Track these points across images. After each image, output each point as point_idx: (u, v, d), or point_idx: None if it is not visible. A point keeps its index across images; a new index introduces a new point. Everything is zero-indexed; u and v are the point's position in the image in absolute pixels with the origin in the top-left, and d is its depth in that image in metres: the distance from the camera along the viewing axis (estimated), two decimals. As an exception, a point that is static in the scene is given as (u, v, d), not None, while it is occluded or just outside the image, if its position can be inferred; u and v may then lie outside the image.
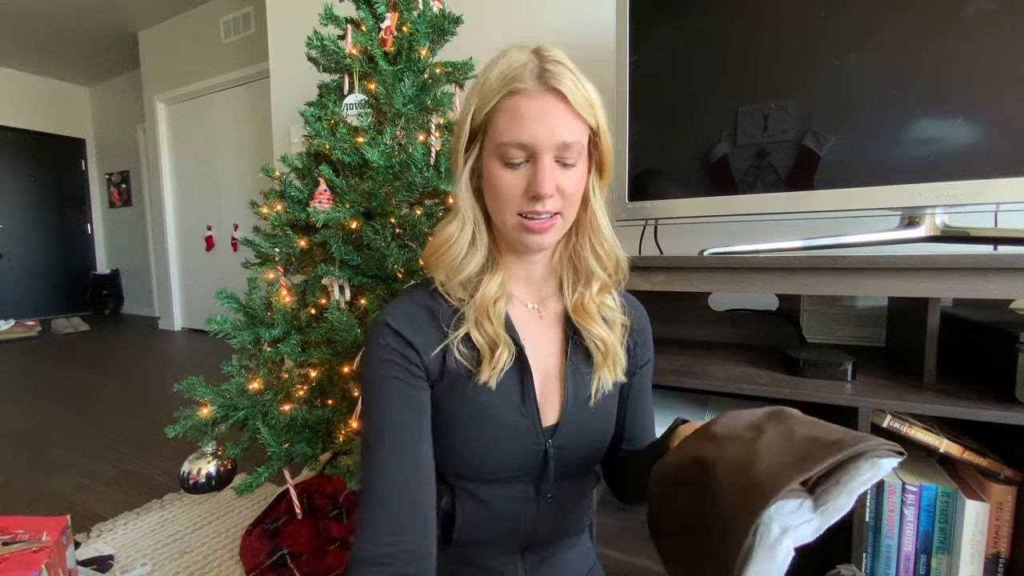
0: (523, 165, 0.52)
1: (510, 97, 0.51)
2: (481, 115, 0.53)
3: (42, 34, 4.10)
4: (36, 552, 0.88)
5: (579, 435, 0.60)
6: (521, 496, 0.59)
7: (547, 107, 0.51)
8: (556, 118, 0.51)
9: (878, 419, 0.78)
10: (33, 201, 5.13)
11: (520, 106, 0.51)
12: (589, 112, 0.52)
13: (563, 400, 0.60)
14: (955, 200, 0.83)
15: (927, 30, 0.83)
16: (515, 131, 0.51)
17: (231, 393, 1.12)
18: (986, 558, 0.75)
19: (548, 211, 0.53)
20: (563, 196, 0.53)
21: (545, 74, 0.51)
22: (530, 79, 0.51)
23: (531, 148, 0.51)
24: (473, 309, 0.57)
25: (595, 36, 1.51)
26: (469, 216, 0.57)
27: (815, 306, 1.20)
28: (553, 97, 0.51)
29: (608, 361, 0.61)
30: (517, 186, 0.52)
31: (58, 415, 2.24)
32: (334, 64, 1.22)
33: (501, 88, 0.51)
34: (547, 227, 0.54)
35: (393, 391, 0.55)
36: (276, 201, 1.19)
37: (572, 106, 0.51)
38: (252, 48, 3.41)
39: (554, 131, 0.50)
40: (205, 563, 1.18)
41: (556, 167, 0.52)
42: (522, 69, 0.51)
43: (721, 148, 0.98)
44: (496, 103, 0.52)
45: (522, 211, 0.53)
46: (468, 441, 0.57)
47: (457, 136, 0.56)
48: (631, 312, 0.67)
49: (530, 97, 0.51)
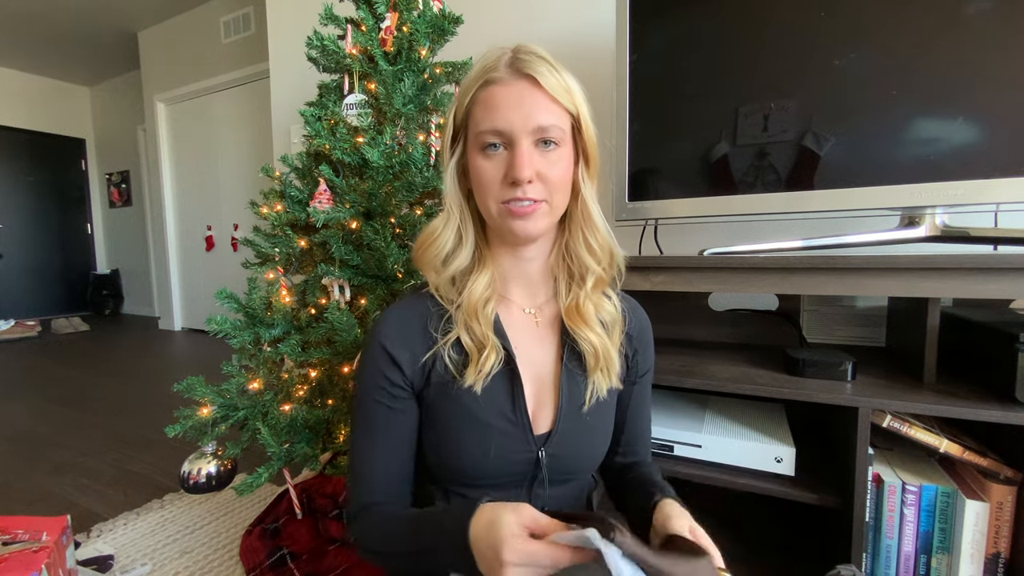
0: (502, 152, 0.53)
1: (485, 88, 0.53)
2: (462, 110, 0.55)
3: (42, 34, 4.10)
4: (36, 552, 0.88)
5: (573, 443, 0.59)
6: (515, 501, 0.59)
7: (521, 92, 0.51)
8: (531, 103, 0.51)
9: (878, 419, 0.78)
10: (33, 201, 5.12)
11: (494, 94, 0.52)
12: (566, 98, 0.53)
13: (557, 407, 0.59)
14: (955, 200, 0.83)
15: (927, 30, 0.83)
16: (491, 119, 0.52)
17: (231, 393, 1.12)
18: (986, 558, 0.75)
19: (530, 197, 0.53)
20: (546, 183, 0.53)
21: (517, 62, 0.52)
22: (503, 68, 0.52)
23: (507, 134, 0.51)
24: (462, 311, 0.57)
25: (595, 36, 1.51)
26: (455, 211, 0.58)
27: (815, 306, 1.20)
28: (527, 83, 0.51)
29: (601, 365, 0.60)
30: (496, 173, 0.53)
31: (58, 415, 2.24)
32: (334, 64, 1.22)
33: (477, 80, 0.53)
34: (530, 211, 0.53)
35: (375, 408, 0.59)
36: (276, 201, 1.19)
37: (547, 91, 0.51)
38: (252, 48, 3.41)
39: (529, 116, 0.51)
40: (205, 563, 1.18)
41: (536, 153, 0.52)
42: (496, 61, 0.53)
43: (721, 148, 0.98)
44: (473, 95, 0.53)
45: (504, 199, 0.53)
46: (457, 445, 0.57)
47: (444, 134, 0.58)
48: (631, 316, 0.65)
49: (504, 85, 0.52)
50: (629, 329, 0.65)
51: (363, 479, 0.59)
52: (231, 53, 3.58)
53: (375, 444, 0.59)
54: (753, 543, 1.04)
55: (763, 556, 1.00)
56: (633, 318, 0.66)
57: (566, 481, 0.62)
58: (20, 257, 5.01)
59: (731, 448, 0.90)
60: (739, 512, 1.11)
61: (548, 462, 0.58)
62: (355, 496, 0.59)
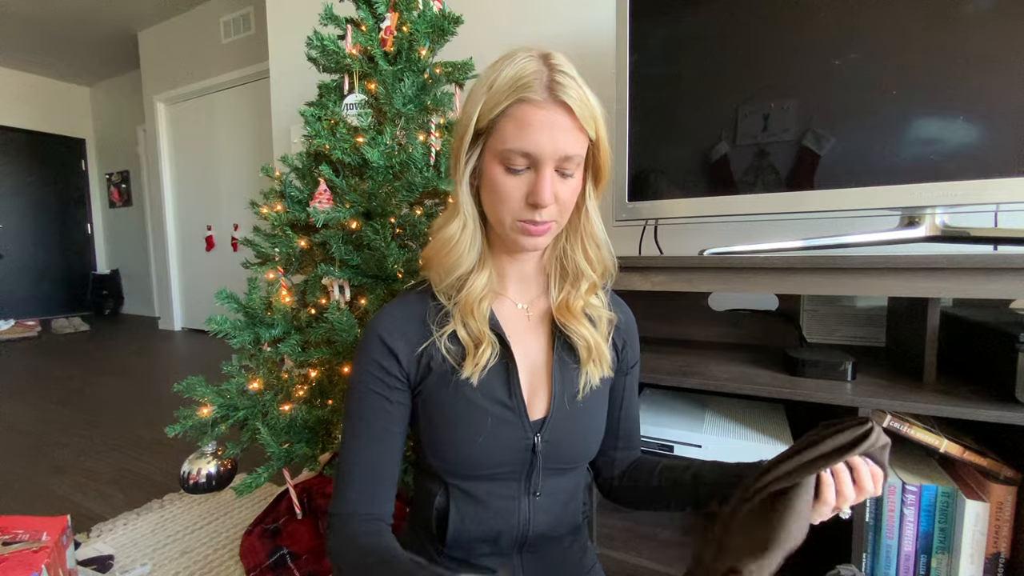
0: (524, 172, 0.54)
1: (519, 105, 0.52)
2: (487, 118, 0.54)
3: (42, 34, 4.10)
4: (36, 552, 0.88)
5: (567, 429, 0.61)
6: (512, 493, 0.60)
7: (554, 119, 0.51)
8: (561, 131, 0.52)
9: (878, 419, 0.78)
10: (33, 201, 5.12)
11: (528, 115, 0.51)
12: (591, 125, 0.54)
13: (551, 394, 0.61)
14: (955, 200, 0.83)
15: (927, 29, 0.83)
16: (521, 139, 0.52)
17: (231, 393, 1.12)
18: (986, 558, 0.75)
19: (546, 220, 0.55)
20: (559, 204, 0.55)
21: (555, 86, 0.51)
22: (540, 89, 0.51)
23: (535, 158, 0.52)
24: (459, 308, 0.59)
25: (595, 36, 1.51)
26: (471, 217, 0.59)
27: (815, 306, 1.20)
28: (561, 110, 0.52)
29: (593, 357, 0.62)
30: (518, 192, 0.54)
31: (58, 415, 2.24)
32: (334, 64, 1.22)
33: (511, 94, 0.52)
34: (543, 231, 0.56)
35: (370, 400, 0.59)
36: (276, 201, 1.19)
37: (577, 119, 0.52)
38: (252, 48, 3.41)
39: (558, 144, 0.52)
40: (205, 563, 1.18)
41: (556, 179, 0.54)
42: (532, 78, 0.51)
43: (721, 148, 0.98)
44: (504, 108, 0.52)
45: (522, 218, 0.55)
46: (455, 435, 0.58)
47: (460, 135, 0.56)
48: (618, 311, 0.68)
49: (539, 108, 0.51)
50: (617, 323, 0.68)
51: (348, 475, 0.59)
52: (231, 53, 3.58)
53: (365, 435, 0.59)
54: (753, 543, 1.04)
55: (763, 556, 1.00)
56: (620, 312, 0.69)
57: (562, 472, 0.63)
58: (20, 257, 5.01)
59: (731, 448, 0.90)
60: (739, 512, 1.11)
61: (544, 448, 0.59)
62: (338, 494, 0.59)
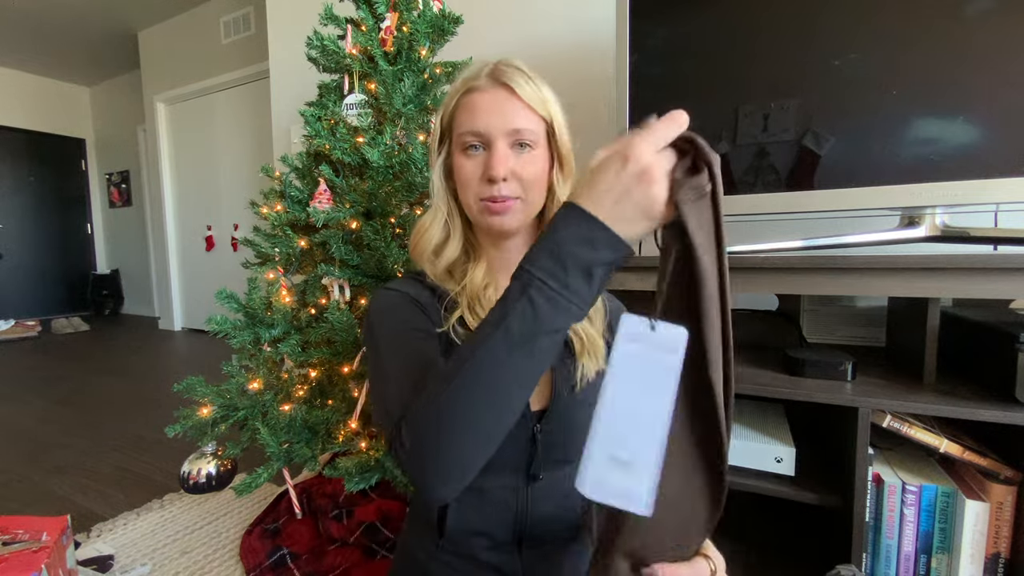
0: (481, 153, 0.58)
1: (467, 94, 0.58)
2: (447, 115, 0.61)
3: (42, 34, 4.10)
4: (36, 552, 0.88)
5: (566, 420, 0.62)
6: (512, 484, 0.61)
7: (498, 99, 0.57)
8: (508, 108, 0.56)
9: (878, 419, 0.78)
10: (33, 201, 5.12)
11: (474, 100, 0.58)
12: (541, 106, 0.58)
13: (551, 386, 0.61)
14: (955, 200, 0.83)
15: (927, 29, 0.83)
16: (471, 121, 0.57)
17: (231, 393, 1.12)
18: (986, 558, 0.75)
19: (504, 195, 0.57)
20: (520, 181, 0.58)
21: (497, 72, 0.57)
22: (483, 78, 0.58)
23: (485, 135, 0.57)
24: (465, 295, 0.61)
25: (595, 36, 1.51)
26: (442, 206, 0.63)
27: (815, 306, 1.20)
28: (504, 91, 0.57)
29: (588, 348, 0.63)
30: (475, 171, 0.58)
31: (58, 415, 2.24)
32: (334, 64, 1.22)
33: (460, 88, 0.59)
34: (506, 207, 0.58)
35: (413, 336, 0.56)
36: (276, 201, 1.19)
37: (522, 99, 0.56)
38: (252, 48, 3.41)
39: (505, 119, 0.56)
40: (205, 563, 1.18)
41: (512, 154, 0.57)
42: (477, 72, 0.59)
43: (721, 148, 0.98)
44: (456, 101, 0.59)
45: (482, 196, 0.58)
46: None
47: (432, 137, 0.63)
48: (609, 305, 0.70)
49: (483, 92, 0.57)
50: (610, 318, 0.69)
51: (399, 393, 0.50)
52: (231, 53, 3.58)
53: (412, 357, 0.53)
54: (753, 543, 1.04)
55: (763, 556, 1.01)
56: (611, 307, 0.71)
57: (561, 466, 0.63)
58: (20, 257, 5.01)
59: (731, 448, 0.90)
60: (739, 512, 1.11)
61: (543, 439, 0.60)
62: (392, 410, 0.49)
